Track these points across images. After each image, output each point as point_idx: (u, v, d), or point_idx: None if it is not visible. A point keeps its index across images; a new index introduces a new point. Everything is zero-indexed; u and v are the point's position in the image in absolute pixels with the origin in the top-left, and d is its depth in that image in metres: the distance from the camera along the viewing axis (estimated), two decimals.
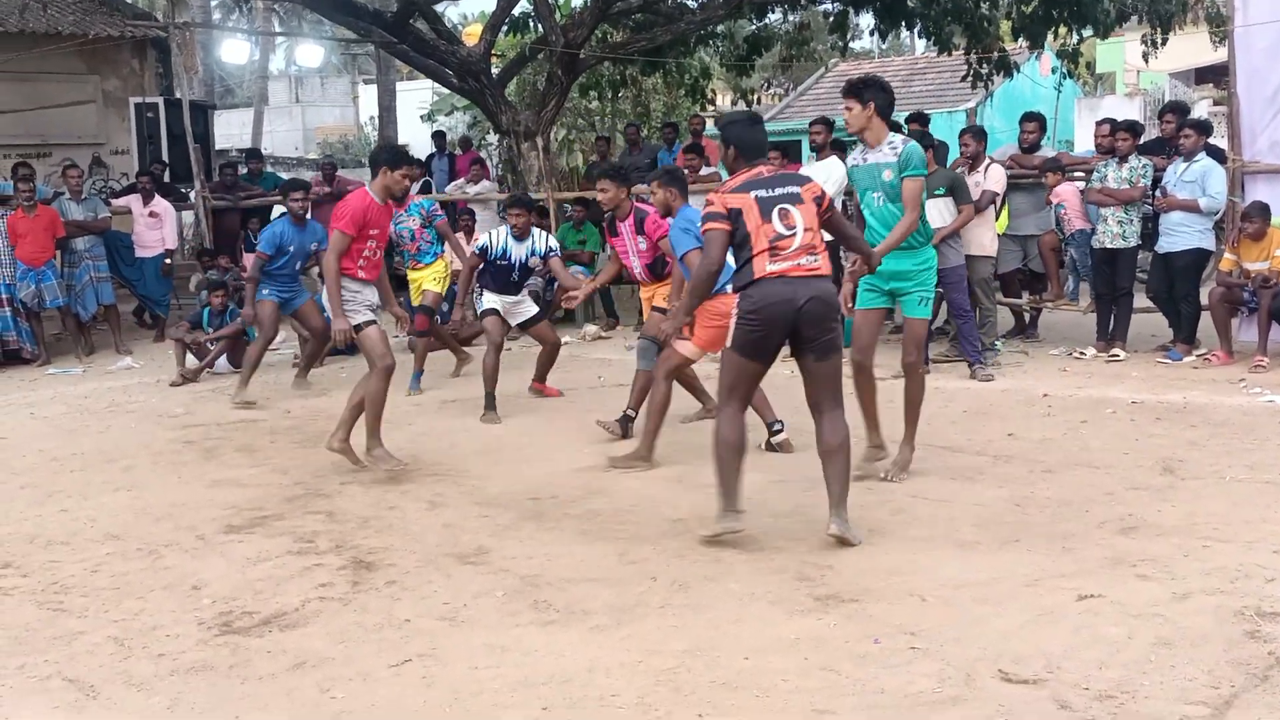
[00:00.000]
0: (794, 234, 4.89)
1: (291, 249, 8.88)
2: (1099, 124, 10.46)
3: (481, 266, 8.26)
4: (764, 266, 4.86)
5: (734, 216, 4.92)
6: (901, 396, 6.12)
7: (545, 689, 3.66)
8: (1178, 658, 3.66)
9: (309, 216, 9.02)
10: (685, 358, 6.65)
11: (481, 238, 8.39)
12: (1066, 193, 9.68)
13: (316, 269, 9.55)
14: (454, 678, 3.78)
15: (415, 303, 9.44)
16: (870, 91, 5.70)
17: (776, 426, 6.75)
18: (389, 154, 6.45)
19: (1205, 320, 8.97)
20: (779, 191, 4.95)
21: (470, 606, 4.41)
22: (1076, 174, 10.01)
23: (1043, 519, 5.18)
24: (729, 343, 5.01)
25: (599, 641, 4.02)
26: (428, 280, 9.33)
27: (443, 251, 9.48)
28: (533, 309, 8.50)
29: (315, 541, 5.31)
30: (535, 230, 8.36)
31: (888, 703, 3.48)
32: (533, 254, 8.24)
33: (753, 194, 4.93)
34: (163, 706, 3.68)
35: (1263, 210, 8.60)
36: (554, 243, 8.59)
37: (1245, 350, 8.70)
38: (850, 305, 5.94)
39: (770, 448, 6.70)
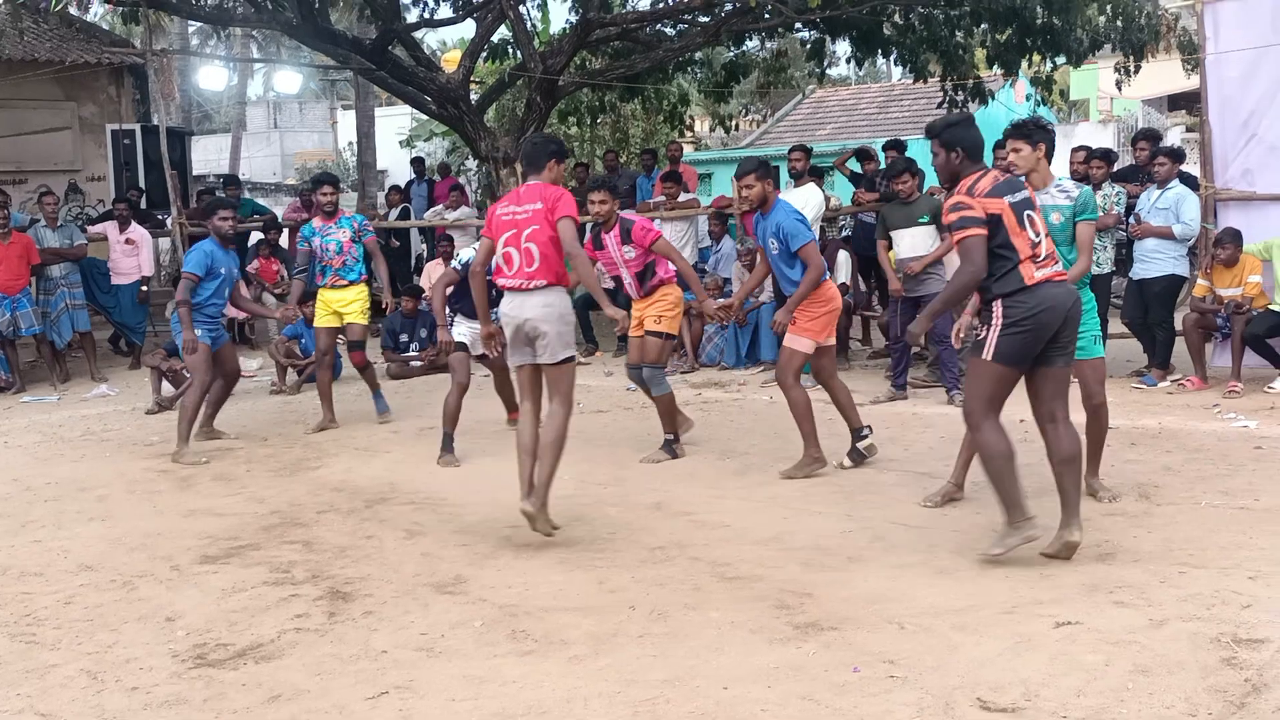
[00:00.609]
0: (1041, 240, 4.87)
1: (222, 271, 8.12)
2: (1074, 151, 10.54)
3: (453, 290, 7.61)
4: (1032, 273, 4.78)
5: (993, 222, 4.78)
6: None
7: None
8: (1155, 685, 3.66)
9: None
10: (805, 354, 6.62)
11: (464, 252, 7.73)
12: None
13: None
14: (431, 710, 3.75)
15: (318, 323, 8.73)
16: (1039, 134, 5.63)
17: (864, 432, 6.84)
18: (557, 145, 5.84)
19: (1180, 346, 9.03)
20: (1019, 197, 4.87)
21: (448, 637, 4.38)
22: None
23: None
24: (989, 355, 4.82)
25: (577, 672, 3.99)
26: (354, 313, 8.65)
27: (366, 273, 8.77)
28: None
29: (291, 572, 5.27)
30: None
31: None
32: None
33: (1006, 199, 4.81)
34: None
35: (1235, 237, 8.70)
36: None
37: (1219, 376, 8.77)
38: (963, 336, 5.61)
39: (857, 454, 6.80)
